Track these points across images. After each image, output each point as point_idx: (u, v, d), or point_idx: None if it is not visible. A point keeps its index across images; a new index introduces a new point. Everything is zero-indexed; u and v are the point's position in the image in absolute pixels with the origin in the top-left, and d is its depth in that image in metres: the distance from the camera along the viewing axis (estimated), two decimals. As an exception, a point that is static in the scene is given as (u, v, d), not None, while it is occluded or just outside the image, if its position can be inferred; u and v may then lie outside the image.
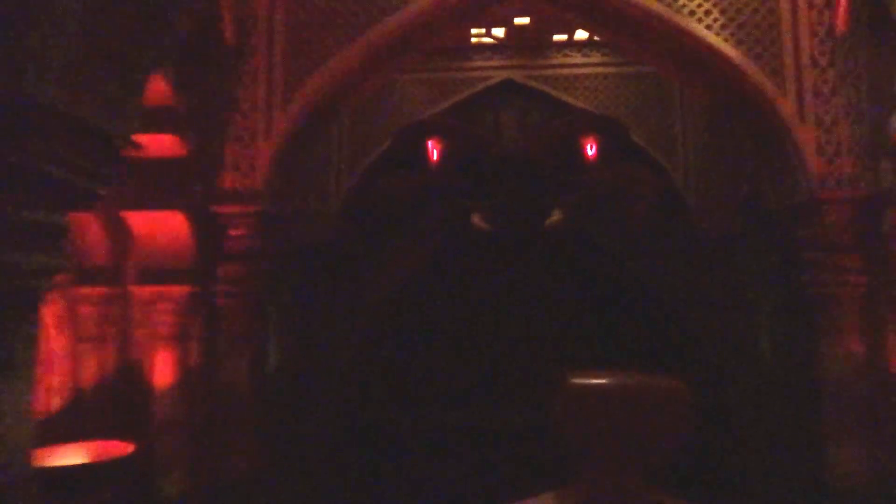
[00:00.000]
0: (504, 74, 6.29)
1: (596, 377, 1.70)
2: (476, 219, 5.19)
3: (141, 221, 3.84)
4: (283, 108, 4.20)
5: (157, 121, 3.65)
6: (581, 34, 5.96)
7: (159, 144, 3.64)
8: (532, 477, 2.60)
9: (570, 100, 6.16)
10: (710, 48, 3.98)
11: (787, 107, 4.02)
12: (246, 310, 4.24)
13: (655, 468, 1.63)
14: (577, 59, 6.26)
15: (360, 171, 6.19)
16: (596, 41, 6.10)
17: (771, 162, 4.33)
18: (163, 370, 3.86)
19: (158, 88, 3.44)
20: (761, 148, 4.36)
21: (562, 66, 6.28)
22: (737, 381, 5.30)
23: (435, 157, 5.58)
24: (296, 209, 5.90)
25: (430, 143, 5.63)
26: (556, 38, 6.05)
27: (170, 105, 3.52)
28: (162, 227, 3.79)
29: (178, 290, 3.86)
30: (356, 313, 5.34)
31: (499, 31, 6.03)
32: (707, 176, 5.97)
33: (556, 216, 5.15)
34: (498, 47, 6.30)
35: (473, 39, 6.10)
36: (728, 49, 3.97)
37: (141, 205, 3.78)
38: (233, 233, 4.13)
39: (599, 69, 6.26)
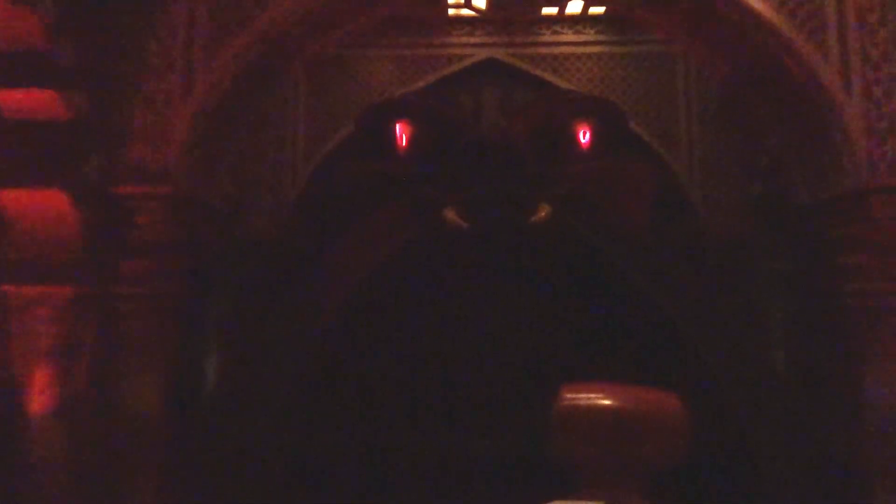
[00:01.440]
0: (485, 52, 5.52)
1: (591, 392, 1.64)
2: (449, 214, 4.43)
3: (15, 202, 3.03)
4: (206, 68, 3.43)
5: (27, 71, 2.85)
6: (574, 7, 5.23)
7: (32, 102, 2.83)
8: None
9: (561, 82, 5.40)
10: (736, 3, 3.27)
11: (828, 75, 3.30)
12: (158, 317, 3.45)
13: (654, 484, 1.57)
14: (569, 36, 5.52)
15: (319, 159, 5.40)
16: (590, 16, 5.38)
17: (804, 146, 3.61)
18: (41, 394, 3.04)
19: (25, 26, 2.63)
20: (792, 130, 3.65)
21: (551, 44, 5.53)
22: (747, 399, 4.57)
23: (404, 143, 4.82)
24: (238, 201, 5.16)
25: (398, 127, 4.87)
26: (545, 11, 5.32)
27: (46, 51, 2.72)
28: (41, 211, 2.98)
29: (63, 292, 3.04)
30: (307, 323, 4.55)
31: (480, 2, 5.28)
32: (715, 171, 5.23)
33: (542, 212, 4.40)
34: (479, 21, 5.53)
35: (451, 11, 5.34)
36: (757, 3, 3.25)
37: (14, 181, 2.98)
38: (140, 220, 3.35)
39: (594, 48, 5.51)
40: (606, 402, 1.63)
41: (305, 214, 5.41)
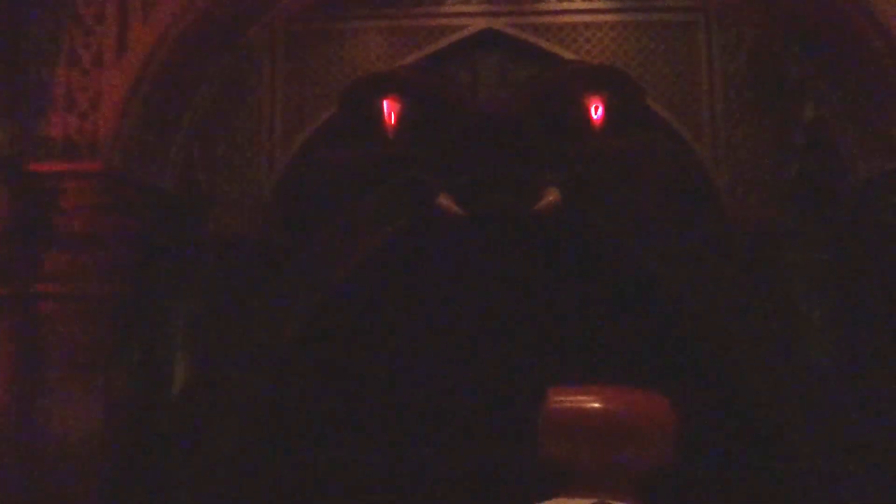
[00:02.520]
0: (483, 23, 4.93)
1: (579, 394, 1.63)
2: (443, 200, 3.87)
3: None
4: (145, 20, 2.87)
5: None
6: (582, -30, 4.68)
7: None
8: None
9: (568, 55, 4.86)
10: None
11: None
12: (90, 320, 2.90)
13: (646, 484, 1.55)
14: (577, 2, 4.96)
15: (298, 145, 4.85)
16: (600, -21, 4.81)
17: (862, 109, 3.07)
18: (-61, 415, 2.50)
19: None
20: (846, 91, 3.11)
21: (557, 12, 4.94)
22: (783, 396, 3.97)
23: (392, 121, 4.26)
24: (210, 193, 4.61)
25: (385, 103, 4.31)
26: (550, -24, 4.77)
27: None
28: (-63, 192, 2.46)
29: (-36, 290, 2.51)
30: (284, 324, 4.01)
31: (476, -33, 4.74)
32: (742, 151, 4.64)
33: (549, 197, 3.84)
34: (475, -12, 5.00)
35: (444, -22, 4.82)
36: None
37: None
38: (65, 204, 2.80)
39: (605, 16, 4.92)
40: (594, 404, 1.62)
41: (283, 206, 4.86)
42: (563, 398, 1.65)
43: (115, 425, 2.93)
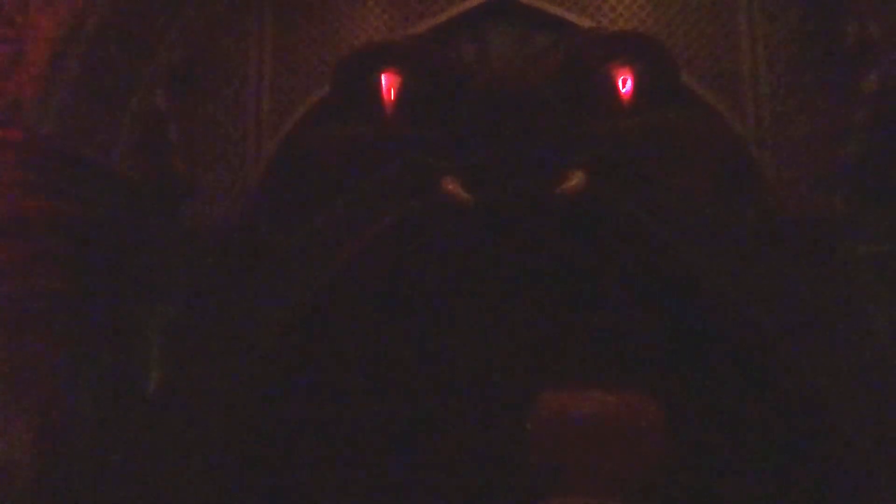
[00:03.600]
0: (494, -10, 4.48)
1: (570, 397, 1.62)
2: (449, 185, 3.34)
3: None
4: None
5: None
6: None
7: None
8: None
9: (591, 25, 4.35)
10: None
11: None
12: (19, 327, 2.38)
13: (636, 489, 1.55)
14: (599, -36, 4.44)
15: (289, 127, 4.35)
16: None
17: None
18: None
19: None
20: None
21: (577, -24, 4.46)
22: (844, 400, 3.38)
23: (391, 98, 3.75)
24: (190, 182, 4.12)
25: (384, 78, 3.80)
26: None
27: None
28: None
29: None
30: (270, 326, 3.51)
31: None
32: (792, 129, 4.10)
33: (573, 180, 3.31)
34: (485, -47, 4.47)
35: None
36: None
37: None
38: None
39: (632, -21, 4.43)
40: (585, 408, 1.61)
41: (271, 196, 4.35)
42: (553, 401, 1.63)
43: (54, 451, 2.41)
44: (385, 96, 3.68)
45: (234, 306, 3.72)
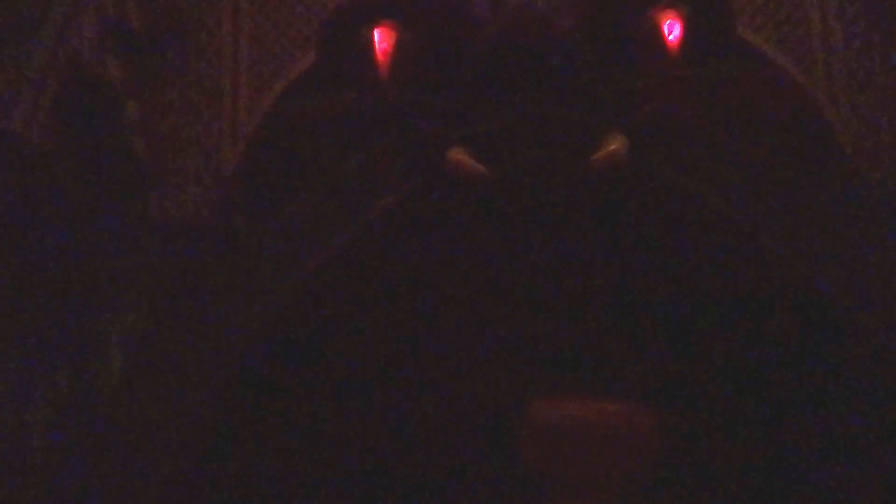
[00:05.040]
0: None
1: (562, 405, 1.65)
2: (457, 155, 2.70)
3: None
4: None
5: None
6: None
7: None
8: None
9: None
10: None
11: None
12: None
13: (627, 492, 1.54)
14: None
15: (269, 103, 3.73)
16: None
17: None
18: None
19: None
20: None
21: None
22: None
23: (386, 56, 3.12)
24: (152, 170, 3.53)
25: (376, 33, 3.18)
26: None
27: None
28: None
29: None
30: (237, 330, 2.90)
31: None
32: (871, 88, 3.42)
33: (612, 145, 2.65)
34: None
35: None
36: None
37: None
38: None
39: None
40: (577, 415, 1.67)
41: (250, 184, 3.73)
42: (546, 409, 1.72)
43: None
44: (378, 55, 3.07)
45: (206, 309, 3.10)
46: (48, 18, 2.50)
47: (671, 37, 2.91)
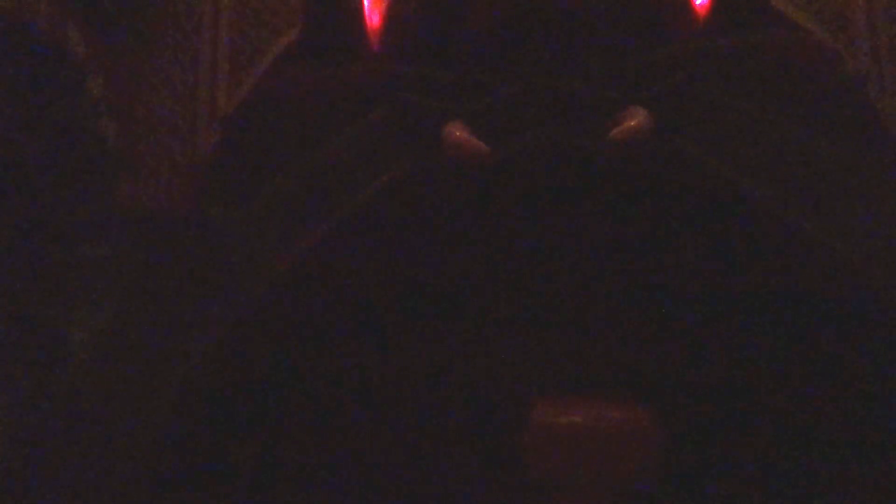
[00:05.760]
0: None
1: (565, 409, 1.58)
2: (455, 132, 2.37)
3: None
4: None
5: None
6: None
7: None
8: None
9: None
10: None
11: None
12: None
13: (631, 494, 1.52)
14: None
15: (252, 80, 3.42)
16: None
17: None
18: None
19: None
20: None
21: None
22: None
23: (377, 23, 2.81)
24: (123, 154, 3.22)
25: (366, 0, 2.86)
26: None
27: None
28: None
29: None
30: (219, 325, 2.59)
31: None
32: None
33: (633, 120, 2.32)
34: None
35: None
36: None
37: None
38: None
39: None
40: (580, 419, 1.61)
41: (228, 171, 3.42)
42: (548, 412, 1.61)
43: None
44: (368, 22, 2.75)
45: (178, 305, 2.79)
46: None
47: (699, 1, 2.59)
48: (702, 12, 2.54)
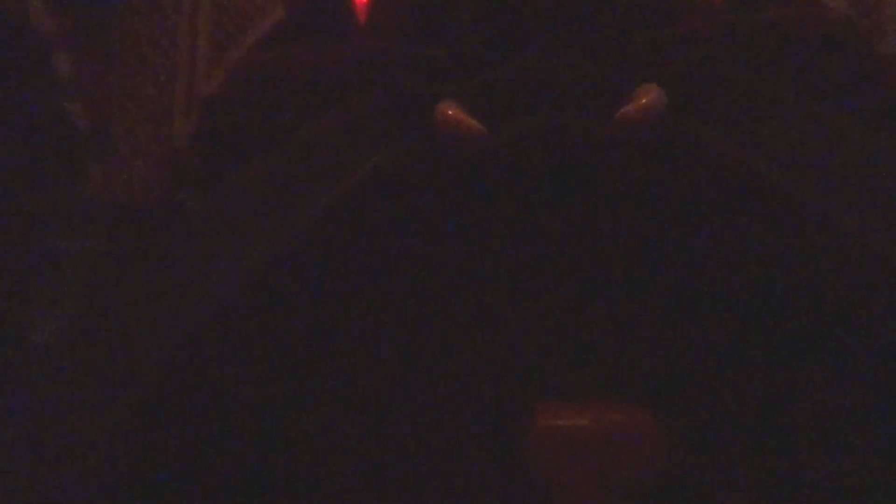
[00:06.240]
0: None
1: (568, 411, 1.67)
2: (448, 109, 2.15)
3: None
4: None
5: None
6: None
7: None
8: None
9: None
10: None
11: None
12: None
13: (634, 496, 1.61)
14: None
15: (233, 62, 3.22)
16: None
17: None
18: None
19: None
20: None
21: None
22: None
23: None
24: (90, 141, 3.02)
25: (354, -28, 2.65)
26: None
27: None
28: None
29: None
30: (175, 329, 2.35)
31: None
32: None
33: (644, 98, 2.11)
34: None
35: None
36: None
37: None
38: None
39: None
40: (583, 421, 1.71)
41: (207, 159, 3.22)
42: (550, 415, 1.67)
43: None
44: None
45: (150, 303, 2.58)
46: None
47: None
48: (718, -15, 2.33)
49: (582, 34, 2.24)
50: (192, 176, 2.91)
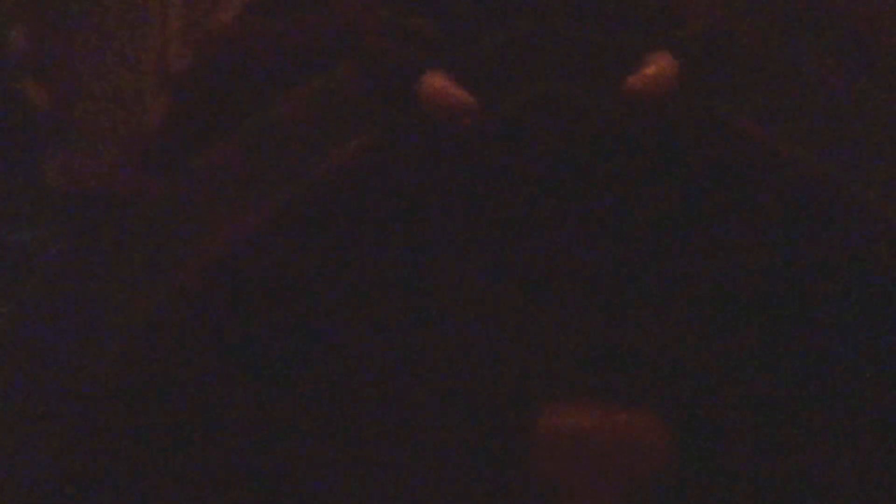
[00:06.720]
0: None
1: (575, 413, 1.67)
2: (435, 82, 1.95)
3: None
4: None
5: None
6: None
7: None
8: None
9: None
10: None
11: None
12: None
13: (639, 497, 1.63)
14: None
15: (204, 38, 3.01)
16: None
17: None
18: None
19: None
20: None
21: None
22: None
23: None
24: (51, 126, 2.81)
25: (333, -66, 2.44)
26: None
27: None
28: None
29: None
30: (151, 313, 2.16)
31: None
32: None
33: (653, 67, 1.91)
34: None
35: None
36: None
37: None
38: None
39: None
40: (587, 421, 1.71)
41: (177, 143, 3.02)
42: (557, 416, 1.68)
43: None
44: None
45: (109, 296, 2.38)
46: None
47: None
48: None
49: (584, 5, 2.06)
50: (162, 161, 2.71)
